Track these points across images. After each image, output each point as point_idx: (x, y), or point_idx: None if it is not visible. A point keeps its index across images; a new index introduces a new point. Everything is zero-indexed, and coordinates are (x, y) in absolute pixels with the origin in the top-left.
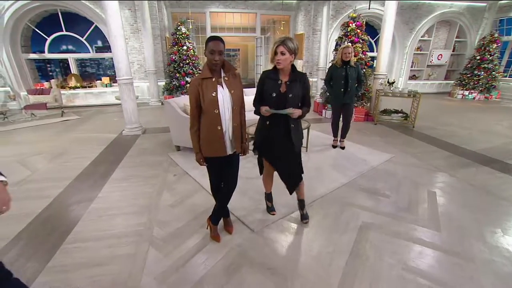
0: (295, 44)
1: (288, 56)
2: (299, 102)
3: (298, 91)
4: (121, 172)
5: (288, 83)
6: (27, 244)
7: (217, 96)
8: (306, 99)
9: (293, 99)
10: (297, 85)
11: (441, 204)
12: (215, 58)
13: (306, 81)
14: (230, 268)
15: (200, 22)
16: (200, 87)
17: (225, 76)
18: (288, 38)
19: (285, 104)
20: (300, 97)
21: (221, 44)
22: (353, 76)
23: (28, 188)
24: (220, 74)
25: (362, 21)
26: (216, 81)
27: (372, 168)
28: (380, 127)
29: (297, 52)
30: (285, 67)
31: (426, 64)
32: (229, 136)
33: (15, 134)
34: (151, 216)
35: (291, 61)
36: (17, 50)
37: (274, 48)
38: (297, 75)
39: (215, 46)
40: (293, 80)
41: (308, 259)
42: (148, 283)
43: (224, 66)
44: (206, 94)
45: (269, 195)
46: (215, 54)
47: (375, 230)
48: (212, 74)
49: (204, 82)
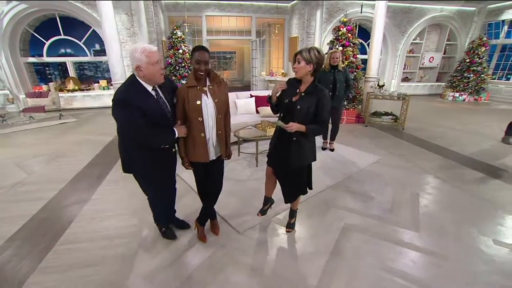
0: (315, 54)
1: (304, 65)
2: (310, 117)
3: (309, 105)
4: (115, 174)
5: (302, 94)
6: (21, 245)
7: (201, 104)
8: (320, 117)
9: (301, 112)
10: (312, 99)
11: (423, 206)
12: (201, 68)
13: (322, 98)
14: (215, 268)
15: (196, 26)
16: (186, 94)
17: (209, 85)
18: (307, 48)
19: (293, 114)
20: (311, 113)
21: (206, 54)
22: (341, 80)
23: (24, 190)
24: (205, 83)
25: (353, 25)
26: (200, 90)
27: (360, 170)
28: (371, 129)
29: (320, 62)
30: (303, 77)
31: (418, 67)
32: (213, 142)
33: (14, 137)
34: (142, 218)
35: (309, 71)
36: (16, 53)
37: (293, 56)
38: (316, 90)
39: (201, 56)
40: (309, 93)
41: (290, 259)
42: (136, 282)
43: (209, 75)
44: (191, 102)
45: (267, 199)
46: (201, 64)
47: (357, 231)
48: (198, 82)
49: (190, 90)
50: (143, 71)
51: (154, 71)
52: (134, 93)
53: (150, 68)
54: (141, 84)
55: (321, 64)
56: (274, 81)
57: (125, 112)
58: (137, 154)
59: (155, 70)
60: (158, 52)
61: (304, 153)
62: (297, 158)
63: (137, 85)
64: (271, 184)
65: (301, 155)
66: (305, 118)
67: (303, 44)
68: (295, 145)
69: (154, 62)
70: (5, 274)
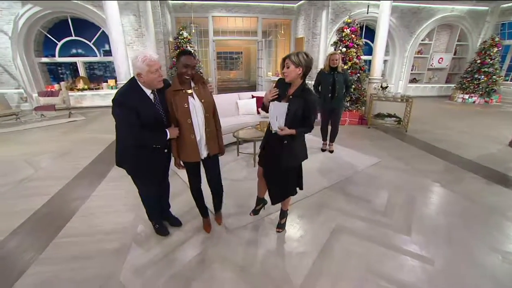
0: (303, 57)
1: (293, 68)
2: (298, 120)
3: (297, 107)
4: (117, 172)
5: (291, 97)
6: (24, 237)
7: (188, 107)
8: (307, 120)
9: (289, 115)
10: (299, 101)
11: (417, 209)
12: (188, 72)
13: (308, 102)
14: (204, 264)
15: (203, 26)
16: (172, 98)
17: (195, 87)
18: (295, 52)
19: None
20: (299, 116)
21: (192, 59)
22: (341, 81)
23: (29, 185)
24: (189, 86)
25: (357, 26)
26: (186, 93)
27: (358, 172)
28: (373, 130)
29: (309, 65)
30: (293, 80)
31: (426, 68)
32: (203, 142)
33: (25, 134)
34: (138, 214)
35: (299, 74)
36: (30, 54)
37: (282, 61)
38: (303, 93)
39: (188, 60)
40: (297, 96)
41: (277, 258)
42: (127, 275)
43: (193, 78)
44: (179, 106)
45: (259, 199)
46: (188, 68)
47: (347, 233)
48: (182, 86)
49: (176, 94)
50: (143, 78)
51: (153, 78)
52: (131, 96)
53: (150, 76)
54: (140, 87)
55: (310, 67)
56: None
57: (121, 112)
58: (128, 150)
59: (154, 78)
60: (158, 60)
61: (295, 154)
62: (288, 159)
63: (136, 88)
64: (263, 184)
65: (291, 156)
66: (293, 120)
67: (308, 44)
68: (286, 147)
69: (154, 70)
70: (7, 264)
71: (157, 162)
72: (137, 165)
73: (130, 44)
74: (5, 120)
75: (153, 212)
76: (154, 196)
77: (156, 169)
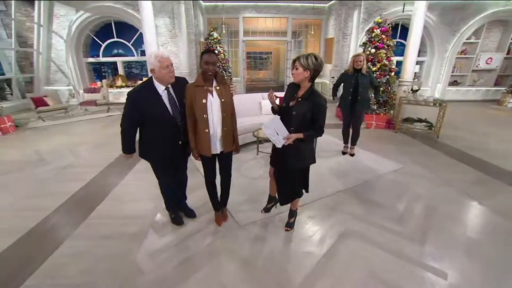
0: (312, 61)
1: (301, 71)
2: (306, 122)
3: (305, 111)
4: (143, 165)
5: (299, 100)
6: (63, 215)
7: (206, 103)
8: (316, 123)
9: (297, 118)
10: (307, 104)
11: (436, 220)
12: (210, 68)
13: (316, 105)
14: (212, 254)
15: (233, 27)
16: (193, 94)
17: (216, 86)
18: (305, 54)
19: (290, 119)
20: (308, 119)
21: (214, 56)
22: (364, 84)
23: (70, 172)
24: (211, 83)
25: (388, 26)
26: (207, 89)
27: (376, 176)
28: (400, 135)
29: (317, 69)
30: (301, 82)
31: (471, 69)
32: (217, 138)
33: (72, 126)
34: (158, 204)
35: (306, 77)
36: (79, 55)
37: (292, 62)
38: (311, 96)
39: (209, 58)
40: (305, 99)
41: (282, 255)
42: (142, 257)
43: (216, 77)
44: (198, 100)
45: (271, 198)
46: (209, 65)
47: (356, 237)
48: (205, 82)
49: (197, 90)
50: (156, 73)
51: (164, 74)
52: (143, 93)
53: (162, 71)
54: (154, 85)
55: (318, 70)
56: None
57: (127, 105)
58: (149, 142)
59: (165, 73)
60: (169, 58)
61: (303, 156)
62: (295, 160)
63: (150, 85)
64: (274, 183)
65: (299, 158)
66: (302, 123)
67: (338, 45)
68: (293, 149)
69: (165, 66)
70: (50, 236)
71: (171, 154)
72: (154, 156)
73: (164, 44)
74: (57, 113)
75: (170, 202)
76: (171, 187)
77: (171, 161)
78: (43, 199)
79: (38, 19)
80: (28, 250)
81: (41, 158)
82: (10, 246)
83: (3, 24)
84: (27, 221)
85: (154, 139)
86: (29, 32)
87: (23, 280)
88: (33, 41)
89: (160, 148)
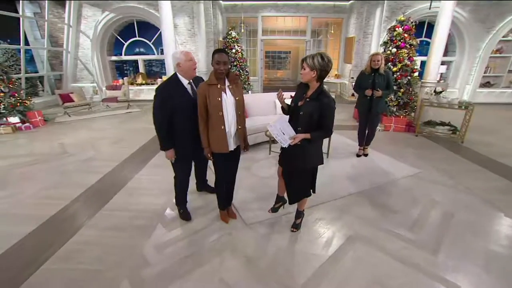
0: (318, 61)
1: (308, 71)
2: (314, 123)
3: (312, 111)
4: (158, 160)
5: (307, 100)
6: (80, 205)
7: (221, 101)
8: (324, 124)
9: (304, 118)
10: (315, 104)
11: (452, 229)
12: (221, 67)
13: (323, 105)
14: (216, 251)
15: (252, 26)
16: (207, 92)
17: (229, 85)
18: (313, 54)
19: (298, 119)
20: (315, 119)
21: (225, 56)
22: (382, 84)
23: (90, 165)
24: (224, 82)
25: (412, 25)
26: (220, 88)
27: (391, 181)
28: (420, 139)
29: (324, 69)
30: (309, 82)
31: (507, 69)
32: (231, 135)
33: (94, 122)
34: (169, 199)
35: (313, 77)
36: (104, 53)
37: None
38: (319, 96)
39: (220, 57)
40: (313, 99)
41: (286, 256)
42: (149, 249)
43: (228, 76)
44: (212, 99)
45: (279, 198)
46: (220, 64)
47: (363, 242)
48: (218, 81)
49: (211, 88)
50: (181, 66)
51: (189, 65)
52: (171, 85)
53: (187, 63)
54: (179, 79)
55: (325, 70)
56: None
57: (158, 98)
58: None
59: (190, 65)
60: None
61: (310, 157)
62: (302, 160)
63: (176, 79)
64: (282, 183)
65: (306, 158)
66: (309, 124)
67: (359, 44)
68: (300, 149)
69: (189, 59)
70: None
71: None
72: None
73: (183, 43)
74: (81, 109)
75: (180, 198)
76: (184, 184)
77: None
78: (63, 189)
79: (68, 20)
80: (47, 237)
81: (65, 151)
82: (32, 232)
83: (37, 25)
84: (48, 209)
85: (180, 131)
86: (60, 33)
87: (41, 264)
88: (63, 41)
89: (185, 140)
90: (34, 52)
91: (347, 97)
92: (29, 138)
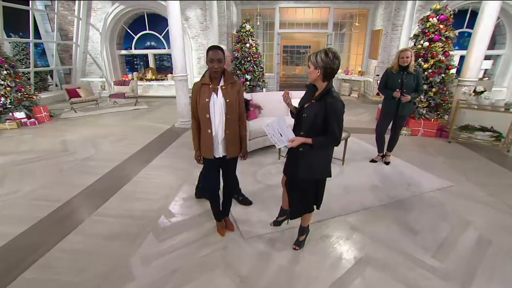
0: (321, 58)
1: (313, 69)
2: (318, 127)
3: (316, 113)
4: (159, 161)
5: (313, 101)
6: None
7: (209, 102)
8: (329, 127)
9: (307, 120)
10: (320, 106)
11: (488, 257)
12: (215, 66)
13: (328, 106)
14: (206, 266)
15: (269, 19)
16: (199, 91)
17: (223, 85)
18: (316, 51)
19: (300, 121)
20: (320, 123)
21: (219, 53)
22: (411, 84)
23: (88, 164)
24: (218, 82)
25: (449, 14)
26: (212, 88)
27: (416, 195)
28: (454, 146)
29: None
30: (316, 82)
31: None
32: (218, 140)
33: (99, 118)
34: (164, 205)
35: (318, 75)
36: (113, 47)
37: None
38: (324, 97)
39: (214, 55)
40: (318, 100)
41: (283, 278)
42: (135, 261)
43: (224, 75)
44: (201, 99)
45: (283, 211)
46: (214, 62)
47: (376, 267)
48: (211, 81)
49: (203, 88)
50: None
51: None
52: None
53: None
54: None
55: (330, 67)
56: (349, 80)
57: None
58: None
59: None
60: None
61: (313, 166)
62: (303, 169)
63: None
64: (287, 194)
65: (308, 168)
66: (312, 128)
67: (387, 38)
68: (302, 157)
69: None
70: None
71: None
72: None
73: (195, 37)
74: (88, 105)
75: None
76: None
77: None
78: (58, 190)
79: (78, 12)
80: (33, 242)
81: (65, 149)
82: (18, 235)
83: (48, 18)
84: (38, 211)
85: None
86: (70, 26)
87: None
88: (73, 34)
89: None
90: (45, 45)
91: (372, 97)
92: (33, 134)
